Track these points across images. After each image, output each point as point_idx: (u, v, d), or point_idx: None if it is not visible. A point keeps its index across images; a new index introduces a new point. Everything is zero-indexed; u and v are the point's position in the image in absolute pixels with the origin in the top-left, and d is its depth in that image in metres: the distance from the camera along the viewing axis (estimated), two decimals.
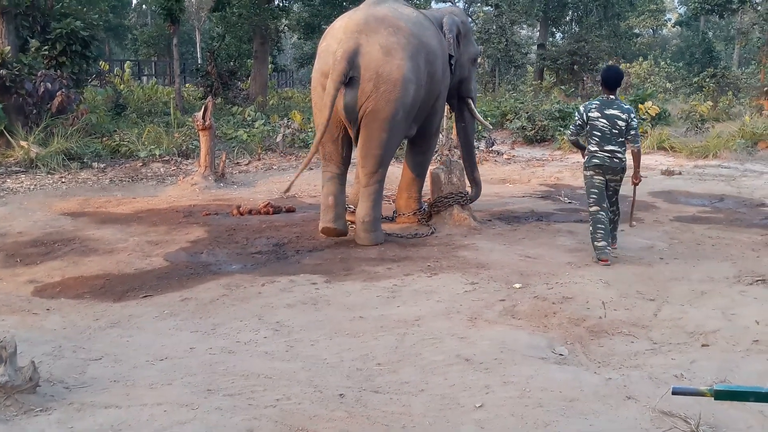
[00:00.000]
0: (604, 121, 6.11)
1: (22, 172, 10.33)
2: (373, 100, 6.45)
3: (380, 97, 6.44)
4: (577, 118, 6.38)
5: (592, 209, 6.20)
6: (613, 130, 6.10)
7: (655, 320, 4.67)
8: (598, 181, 6.19)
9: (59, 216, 7.90)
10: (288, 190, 7.18)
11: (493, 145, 14.90)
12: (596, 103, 6.24)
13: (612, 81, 6.24)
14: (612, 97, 6.20)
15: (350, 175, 7.33)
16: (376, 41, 6.48)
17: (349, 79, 6.42)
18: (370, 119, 6.52)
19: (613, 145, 6.11)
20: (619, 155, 6.15)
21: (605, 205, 6.20)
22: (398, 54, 6.50)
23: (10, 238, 6.90)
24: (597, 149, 6.16)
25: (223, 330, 4.49)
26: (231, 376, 3.73)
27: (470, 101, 8.19)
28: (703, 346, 4.23)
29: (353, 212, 7.23)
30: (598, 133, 6.14)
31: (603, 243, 6.06)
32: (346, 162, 6.96)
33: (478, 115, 8.73)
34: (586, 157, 6.30)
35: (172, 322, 4.65)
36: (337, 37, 6.60)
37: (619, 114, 6.11)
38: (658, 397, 3.45)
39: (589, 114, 6.19)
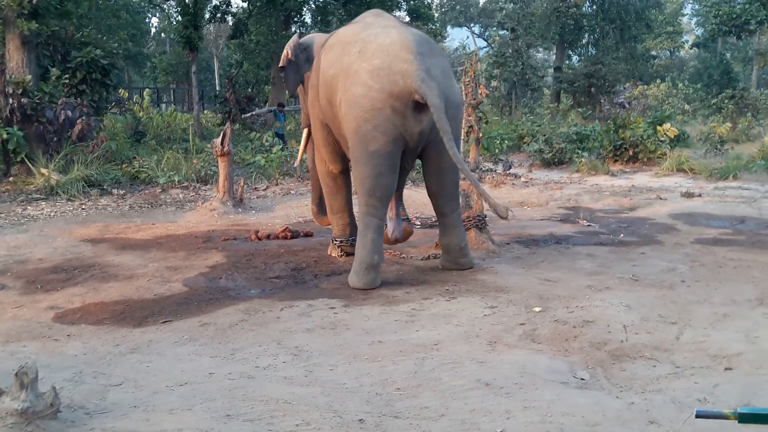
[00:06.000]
0: None
1: (43, 199, 10.44)
2: None
3: (450, 121, 5.91)
4: None
5: None
6: None
7: (677, 344, 4.61)
8: None
9: (79, 242, 7.96)
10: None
11: (510, 168, 14.89)
12: None
13: None
14: None
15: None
16: (436, 64, 6.12)
17: (423, 104, 5.89)
18: (441, 144, 5.90)
19: None
20: None
21: None
22: (452, 77, 6.37)
23: (31, 265, 6.95)
24: None
25: (243, 355, 4.48)
26: (250, 401, 3.72)
27: None
28: (726, 369, 4.17)
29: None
30: None
31: None
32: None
33: None
34: None
35: (191, 348, 4.65)
36: (399, 55, 5.98)
37: None
38: (681, 422, 3.40)
39: None
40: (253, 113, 20.34)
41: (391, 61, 5.97)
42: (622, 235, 8.24)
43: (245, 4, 22.12)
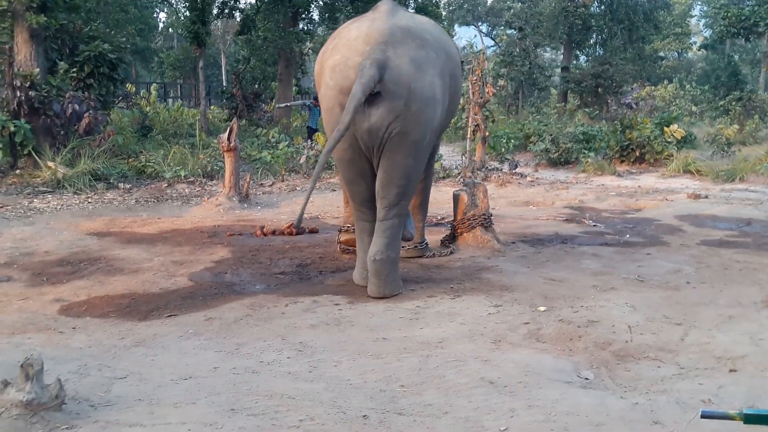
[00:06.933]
0: None
1: (49, 192, 10.46)
2: (401, 120, 5.52)
3: (410, 118, 5.54)
4: None
5: None
6: None
7: (682, 345, 4.61)
8: None
9: (85, 236, 7.97)
10: (299, 223, 6.01)
11: (516, 167, 14.87)
12: None
13: None
14: None
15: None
16: (405, 54, 5.57)
17: (377, 96, 5.49)
18: (396, 143, 5.58)
19: None
20: None
21: None
22: (429, 69, 5.66)
23: (37, 258, 6.97)
24: None
25: (247, 350, 4.49)
26: (255, 396, 3.73)
27: None
28: (731, 371, 4.17)
29: (347, 231, 6.97)
30: None
31: None
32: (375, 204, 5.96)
33: None
34: None
35: (196, 342, 4.66)
36: (357, 48, 5.62)
37: None
38: (685, 423, 3.40)
39: None
40: (288, 104, 20.36)
41: (348, 55, 5.65)
42: (627, 235, 8.23)
43: (253, 0, 22.14)
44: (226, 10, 22.25)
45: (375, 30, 5.72)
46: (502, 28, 39.67)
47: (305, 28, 22.45)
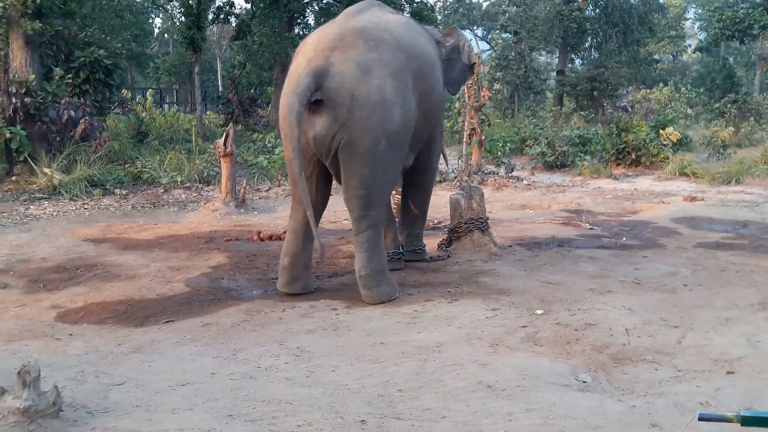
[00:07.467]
0: None
1: (45, 198, 10.44)
2: (348, 129, 5.38)
3: (356, 125, 5.37)
4: None
5: None
6: None
7: (679, 347, 4.61)
8: None
9: (82, 242, 7.96)
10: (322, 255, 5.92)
11: (512, 170, 14.88)
12: None
13: None
14: None
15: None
16: (351, 58, 5.42)
17: (319, 104, 5.40)
18: (347, 153, 5.45)
19: None
20: None
21: None
22: (378, 72, 5.45)
23: (34, 264, 6.96)
24: None
25: (244, 355, 4.48)
26: (252, 402, 3.72)
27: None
28: (728, 373, 4.18)
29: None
30: None
31: None
32: (318, 208, 5.88)
33: (445, 150, 7.96)
34: None
35: (193, 348, 4.65)
36: (307, 55, 5.56)
37: None
38: (683, 425, 3.40)
39: None
40: None
41: (300, 62, 5.59)
42: (624, 238, 8.24)
43: (249, 6, 22.14)
44: (222, 16, 22.29)
45: (325, 35, 5.68)
46: (498, 31, 39.65)
47: (301, 33, 22.44)
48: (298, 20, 22.31)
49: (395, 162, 5.80)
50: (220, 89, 30.41)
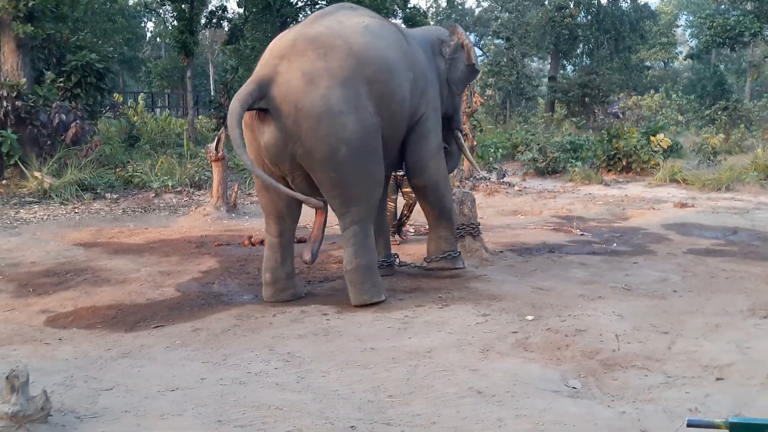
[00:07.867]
0: None
1: (36, 202, 10.41)
2: (299, 139, 5.26)
3: (307, 136, 5.24)
4: None
5: None
6: None
7: (669, 353, 4.62)
8: None
9: (72, 246, 7.94)
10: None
11: (504, 176, 14.92)
12: None
13: None
14: None
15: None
16: (298, 68, 5.29)
17: (266, 113, 5.31)
18: (309, 162, 5.37)
19: None
20: None
21: None
22: (323, 82, 5.27)
23: (23, 268, 6.93)
24: None
25: (234, 360, 4.47)
26: (242, 407, 3.71)
27: (458, 134, 7.20)
28: (717, 379, 4.18)
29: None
30: None
31: None
32: (290, 219, 5.90)
33: (468, 153, 7.83)
34: None
35: (183, 353, 4.64)
36: (262, 61, 5.60)
37: None
38: (672, 431, 3.40)
39: None
40: None
41: (256, 68, 5.61)
42: (614, 244, 8.26)
43: (241, 10, 22.14)
44: (214, 20, 22.25)
45: (281, 42, 5.62)
46: (490, 38, 39.78)
47: None
48: (291, 25, 22.28)
49: (368, 164, 5.56)
50: (212, 94, 30.37)
